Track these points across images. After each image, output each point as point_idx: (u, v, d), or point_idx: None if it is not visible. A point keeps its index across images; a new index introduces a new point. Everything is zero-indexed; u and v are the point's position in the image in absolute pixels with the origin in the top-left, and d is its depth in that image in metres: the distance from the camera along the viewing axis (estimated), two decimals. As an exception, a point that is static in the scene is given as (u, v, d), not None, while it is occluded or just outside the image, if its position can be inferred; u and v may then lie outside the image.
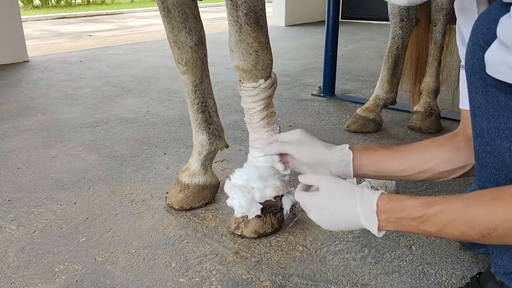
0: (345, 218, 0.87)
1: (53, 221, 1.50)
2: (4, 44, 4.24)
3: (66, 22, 9.79)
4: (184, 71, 1.46)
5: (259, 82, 1.29)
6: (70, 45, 5.75)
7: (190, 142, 2.00)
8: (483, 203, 0.73)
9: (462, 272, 1.21)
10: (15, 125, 2.51)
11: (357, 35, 6.21)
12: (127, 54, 4.91)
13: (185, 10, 1.39)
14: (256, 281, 1.18)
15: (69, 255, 1.31)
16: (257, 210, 1.34)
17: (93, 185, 1.76)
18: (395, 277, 1.19)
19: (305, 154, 1.09)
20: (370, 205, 0.83)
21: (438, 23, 2.30)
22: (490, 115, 0.82)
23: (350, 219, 0.86)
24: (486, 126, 0.84)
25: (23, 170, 1.92)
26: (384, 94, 2.37)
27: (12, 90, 3.32)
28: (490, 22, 0.77)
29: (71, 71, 4.00)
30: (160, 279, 1.20)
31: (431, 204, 0.79)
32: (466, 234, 0.74)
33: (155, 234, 1.42)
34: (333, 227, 0.92)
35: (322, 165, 1.07)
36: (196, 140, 1.56)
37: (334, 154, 1.06)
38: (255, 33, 1.22)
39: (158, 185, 1.76)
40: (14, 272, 1.24)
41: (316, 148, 1.08)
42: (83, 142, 2.24)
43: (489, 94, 0.80)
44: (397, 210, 0.81)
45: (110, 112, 2.75)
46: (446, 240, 1.35)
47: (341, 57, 4.29)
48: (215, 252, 1.31)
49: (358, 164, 1.05)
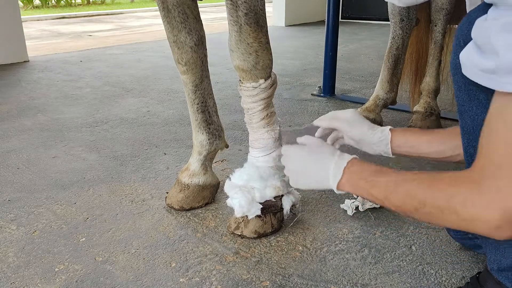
0: (318, 172, 0.97)
1: (53, 221, 1.50)
2: (4, 44, 4.24)
3: (66, 22, 9.79)
4: (184, 71, 1.46)
5: (259, 82, 1.29)
6: (70, 45, 5.75)
7: (190, 142, 2.00)
8: (424, 181, 0.80)
9: (462, 272, 1.21)
10: (15, 125, 2.51)
11: (357, 35, 6.21)
12: (127, 54, 4.91)
13: (185, 10, 1.39)
14: (256, 281, 1.18)
15: (69, 255, 1.31)
16: (257, 210, 1.34)
17: (93, 185, 1.76)
18: (395, 277, 1.19)
19: (354, 131, 1.19)
20: (341, 164, 0.94)
21: (438, 23, 2.30)
22: (474, 113, 0.84)
23: (322, 174, 0.96)
24: (471, 124, 0.86)
25: (23, 170, 1.92)
26: (384, 94, 2.37)
27: (12, 90, 3.32)
28: (470, 23, 0.78)
29: (71, 71, 4.00)
30: (160, 279, 1.20)
31: (384, 172, 0.88)
32: (405, 206, 0.82)
33: (155, 234, 1.42)
34: (302, 180, 1.03)
35: (365, 142, 1.18)
36: (196, 140, 1.56)
37: (375, 135, 1.16)
38: (255, 33, 1.22)
39: (158, 185, 1.76)
40: (14, 272, 1.24)
41: (363, 128, 1.18)
42: (83, 142, 2.24)
43: (471, 92, 0.83)
44: (358, 173, 0.92)
45: (110, 112, 2.75)
46: (446, 240, 1.35)
47: (341, 57, 4.29)
48: (215, 252, 1.31)
49: (396, 145, 1.15)
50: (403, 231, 1.41)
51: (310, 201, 1.61)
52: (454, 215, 0.75)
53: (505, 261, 0.94)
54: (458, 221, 0.76)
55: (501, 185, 0.69)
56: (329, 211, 1.54)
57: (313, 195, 1.65)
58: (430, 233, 1.40)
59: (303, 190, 1.31)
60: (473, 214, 0.72)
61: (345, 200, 1.55)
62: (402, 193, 0.82)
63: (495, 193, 0.70)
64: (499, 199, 0.69)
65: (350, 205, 1.51)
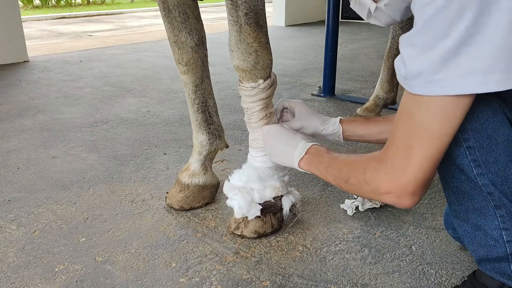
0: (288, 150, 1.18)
1: (53, 221, 1.50)
2: (4, 44, 4.24)
3: (66, 22, 9.79)
4: (184, 71, 1.46)
5: (258, 82, 1.28)
6: (70, 45, 5.74)
7: (190, 142, 2.00)
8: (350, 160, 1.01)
9: (462, 272, 1.21)
10: (15, 125, 2.51)
11: (357, 35, 6.21)
12: (127, 54, 4.91)
13: (185, 10, 1.39)
14: (256, 281, 1.18)
15: (69, 255, 1.31)
16: (257, 212, 1.34)
17: (93, 185, 1.76)
18: (395, 277, 1.19)
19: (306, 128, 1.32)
20: (304, 147, 1.15)
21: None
22: None
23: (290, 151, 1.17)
24: None
25: (23, 170, 1.92)
26: (384, 94, 2.37)
27: (12, 90, 3.32)
28: None
29: (71, 71, 4.00)
30: (160, 279, 1.20)
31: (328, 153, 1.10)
32: (338, 178, 1.01)
33: (155, 234, 1.42)
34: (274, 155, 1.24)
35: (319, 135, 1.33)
36: (196, 140, 1.56)
37: (328, 128, 1.31)
38: (255, 33, 1.22)
39: (158, 185, 1.76)
40: (14, 272, 1.24)
41: (316, 122, 1.31)
42: (83, 142, 2.24)
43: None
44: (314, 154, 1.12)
45: (110, 112, 2.75)
46: (446, 240, 1.35)
47: (341, 57, 4.29)
48: (215, 252, 1.31)
49: (347, 135, 1.31)
50: (403, 231, 1.41)
51: (310, 201, 1.61)
52: (367, 186, 0.92)
53: (481, 250, 0.97)
54: (371, 192, 0.92)
55: (395, 163, 0.85)
56: (329, 211, 1.54)
57: (313, 195, 1.66)
58: (430, 233, 1.40)
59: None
60: (378, 186, 0.89)
61: (345, 200, 1.55)
62: (336, 169, 1.02)
63: (391, 169, 0.86)
64: (393, 174, 0.86)
65: (350, 205, 1.51)
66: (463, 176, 0.92)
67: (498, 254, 0.94)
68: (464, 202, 0.95)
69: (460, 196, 0.95)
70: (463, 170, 0.91)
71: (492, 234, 0.93)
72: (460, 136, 0.88)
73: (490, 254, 0.96)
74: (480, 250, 0.97)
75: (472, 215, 0.95)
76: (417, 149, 0.82)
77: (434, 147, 0.81)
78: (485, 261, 0.98)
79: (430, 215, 1.50)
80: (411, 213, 1.52)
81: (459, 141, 0.88)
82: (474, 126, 0.87)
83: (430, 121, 0.79)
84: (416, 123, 0.81)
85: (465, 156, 0.89)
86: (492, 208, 0.91)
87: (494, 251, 0.95)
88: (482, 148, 0.88)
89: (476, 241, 0.97)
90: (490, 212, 0.92)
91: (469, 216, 0.96)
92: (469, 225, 0.97)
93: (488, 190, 0.90)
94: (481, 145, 0.88)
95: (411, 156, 0.83)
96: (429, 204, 1.58)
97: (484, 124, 0.87)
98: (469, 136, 0.88)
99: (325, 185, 1.72)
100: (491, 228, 0.93)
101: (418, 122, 0.80)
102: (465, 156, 0.89)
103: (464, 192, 0.94)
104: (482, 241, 0.96)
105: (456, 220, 1.01)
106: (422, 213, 1.52)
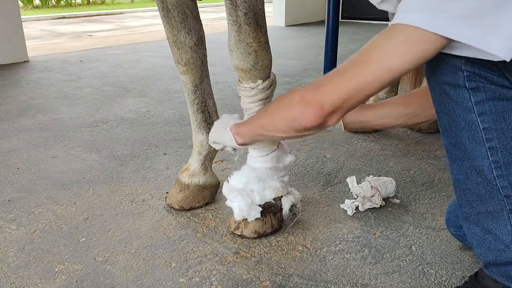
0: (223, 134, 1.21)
1: (53, 221, 1.50)
2: (4, 44, 4.24)
3: (66, 22, 9.78)
4: (183, 71, 1.46)
5: (257, 83, 1.28)
6: (70, 45, 5.75)
7: (190, 142, 2.00)
8: (269, 110, 1.03)
9: (462, 272, 1.21)
10: (15, 125, 2.51)
11: (357, 35, 6.21)
12: (127, 54, 4.91)
13: (184, 10, 1.39)
14: (256, 281, 1.18)
15: (69, 255, 1.31)
16: (257, 214, 1.34)
17: (93, 185, 1.76)
18: (395, 277, 1.19)
19: None
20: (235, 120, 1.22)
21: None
22: (447, 110, 0.89)
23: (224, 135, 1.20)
24: (447, 120, 0.90)
25: (23, 170, 1.92)
26: (384, 95, 2.37)
27: (12, 90, 3.32)
28: None
29: (71, 71, 4.00)
30: (160, 279, 1.20)
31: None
32: (263, 126, 1.05)
33: (155, 234, 1.42)
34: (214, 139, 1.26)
35: None
36: (196, 140, 1.56)
37: None
38: (254, 33, 1.22)
39: (158, 185, 1.76)
40: (14, 272, 1.24)
41: None
42: (83, 142, 2.24)
43: (443, 91, 0.88)
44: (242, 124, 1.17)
45: (110, 112, 2.75)
46: (446, 240, 1.35)
47: (341, 57, 4.29)
48: (215, 252, 1.31)
49: (346, 122, 1.32)
50: (403, 231, 1.41)
51: (310, 201, 1.61)
52: (288, 98, 0.94)
53: (490, 254, 0.95)
54: (287, 105, 0.94)
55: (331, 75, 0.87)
56: (329, 211, 1.54)
57: (313, 195, 1.66)
58: (430, 233, 1.40)
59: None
60: (299, 94, 0.91)
61: (345, 200, 1.55)
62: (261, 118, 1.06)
63: (324, 78, 0.89)
64: (322, 84, 0.88)
65: (350, 205, 1.51)
66: (480, 178, 0.89)
67: (507, 259, 0.92)
68: (476, 205, 0.93)
69: (472, 198, 0.93)
70: (482, 171, 0.88)
71: (503, 239, 0.91)
72: (483, 136, 0.85)
73: (499, 259, 0.93)
74: (489, 254, 0.95)
75: (483, 218, 0.93)
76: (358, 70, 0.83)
77: (372, 77, 0.82)
78: (493, 265, 0.96)
79: (430, 215, 1.50)
80: (411, 213, 1.52)
81: (481, 141, 0.85)
82: (499, 126, 0.84)
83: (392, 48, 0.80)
84: (379, 46, 0.83)
85: (486, 157, 0.86)
86: (506, 212, 0.89)
87: (504, 256, 0.92)
88: (506, 149, 0.85)
89: (485, 245, 0.95)
90: (504, 216, 0.89)
91: (480, 219, 0.94)
92: (479, 228, 0.95)
93: (506, 193, 0.88)
94: (505, 147, 0.85)
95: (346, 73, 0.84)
96: (429, 204, 1.58)
97: (510, 125, 0.84)
98: (493, 136, 0.85)
99: (325, 185, 1.72)
100: (502, 232, 0.91)
101: (380, 46, 0.82)
102: (486, 157, 0.86)
103: (478, 194, 0.91)
104: (492, 245, 0.93)
105: (465, 222, 0.99)
106: (422, 213, 1.52)
